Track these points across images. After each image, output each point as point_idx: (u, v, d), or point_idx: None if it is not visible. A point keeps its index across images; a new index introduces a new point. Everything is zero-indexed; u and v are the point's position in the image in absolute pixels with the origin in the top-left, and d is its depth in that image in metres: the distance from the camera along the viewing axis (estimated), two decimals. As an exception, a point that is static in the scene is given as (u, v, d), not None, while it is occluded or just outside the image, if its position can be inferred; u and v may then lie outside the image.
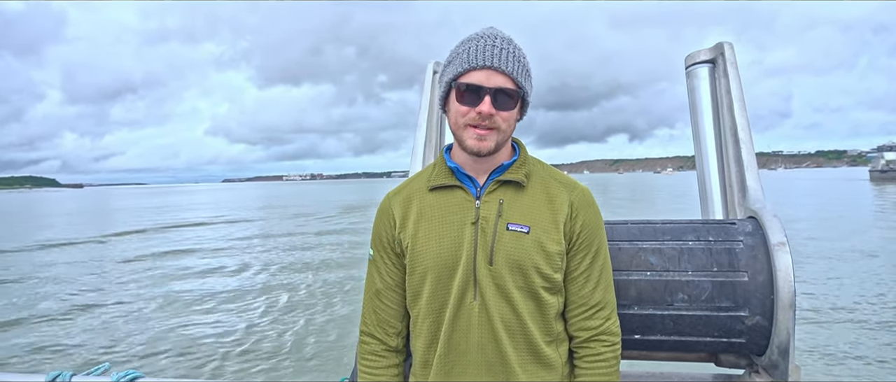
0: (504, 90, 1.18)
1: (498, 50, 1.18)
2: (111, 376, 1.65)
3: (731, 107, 1.95)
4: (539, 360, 1.23)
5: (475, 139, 1.20)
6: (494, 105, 1.18)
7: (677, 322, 1.47)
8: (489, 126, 1.19)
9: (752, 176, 1.80)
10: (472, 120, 1.19)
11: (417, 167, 2.05)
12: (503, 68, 1.17)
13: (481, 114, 1.17)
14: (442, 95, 1.28)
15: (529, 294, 1.21)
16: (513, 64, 1.19)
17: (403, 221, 1.30)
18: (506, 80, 1.18)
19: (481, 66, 1.17)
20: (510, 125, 1.23)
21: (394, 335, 1.36)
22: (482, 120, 1.18)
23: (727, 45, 2.01)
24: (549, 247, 1.21)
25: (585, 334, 1.27)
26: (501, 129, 1.21)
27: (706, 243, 1.51)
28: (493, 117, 1.18)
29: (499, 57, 1.17)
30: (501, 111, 1.19)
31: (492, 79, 1.17)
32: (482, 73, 1.17)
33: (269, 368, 7.15)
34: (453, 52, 1.25)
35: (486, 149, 1.20)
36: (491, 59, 1.17)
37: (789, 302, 1.37)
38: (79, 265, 16.48)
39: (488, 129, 1.20)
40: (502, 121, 1.20)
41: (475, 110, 1.18)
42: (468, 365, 1.22)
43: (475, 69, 1.18)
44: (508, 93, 1.19)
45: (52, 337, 8.72)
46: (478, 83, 1.17)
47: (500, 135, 1.21)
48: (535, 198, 1.26)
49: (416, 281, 1.27)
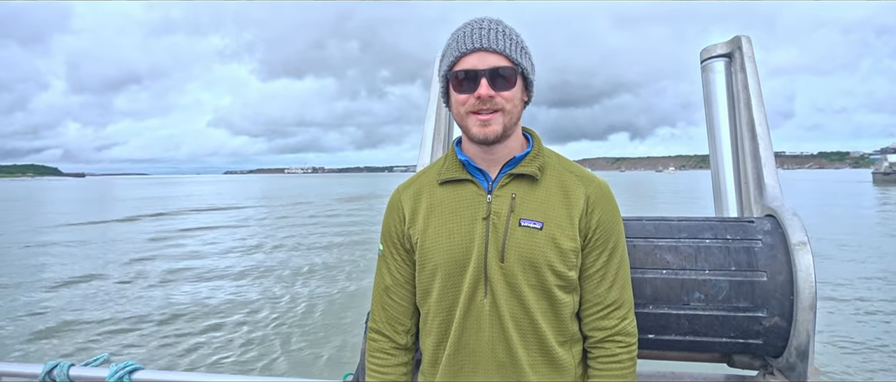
0: (499, 69, 1.13)
1: (485, 31, 1.14)
2: (109, 367, 1.63)
3: (748, 103, 1.90)
4: (551, 361, 1.18)
5: (479, 125, 1.15)
6: (492, 86, 1.13)
7: (693, 321, 1.43)
8: (491, 108, 1.14)
9: (770, 172, 1.76)
10: (473, 106, 1.15)
11: (426, 161, 2.00)
12: (494, 47, 1.13)
13: (481, 97, 1.13)
14: (442, 91, 1.24)
15: (542, 292, 1.17)
16: (504, 41, 1.14)
17: (413, 216, 1.26)
18: (500, 59, 1.14)
19: (472, 50, 1.14)
20: (515, 105, 1.17)
21: (403, 332, 1.31)
22: (482, 103, 1.14)
23: (745, 39, 1.96)
24: (563, 244, 1.16)
25: (600, 334, 1.22)
26: (506, 110, 1.15)
27: (723, 241, 1.46)
28: (494, 99, 1.13)
29: (487, 37, 1.13)
30: (501, 92, 1.14)
31: (485, 59, 1.13)
32: (474, 57, 1.14)
33: (272, 355, 7.15)
34: (445, 46, 1.21)
35: (492, 134, 1.15)
36: (479, 40, 1.13)
37: (810, 304, 1.33)
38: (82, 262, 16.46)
39: (491, 113, 1.14)
40: (505, 101, 1.15)
41: (474, 95, 1.14)
42: (478, 365, 1.18)
43: (466, 54, 1.14)
44: (504, 73, 1.14)
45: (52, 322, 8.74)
46: (471, 67, 1.14)
47: (505, 116, 1.16)
48: (550, 192, 1.21)
49: (426, 278, 1.23)
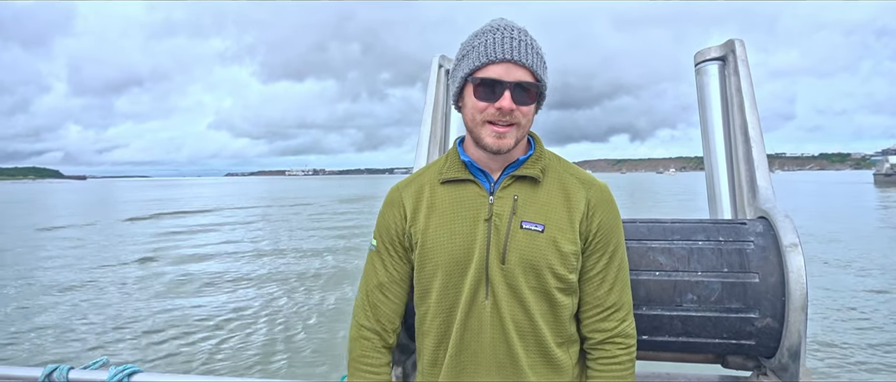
0: (523, 84, 1.12)
1: (516, 42, 1.12)
2: (109, 370, 1.63)
3: (741, 106, 1.92)
4: (549, 362, 1.19)
5: (494, 137, 1.14)
6: (514, 100, 1.12)
7: (686, 322, 1.44)
8: (509, 121, 1.13)
9: (763, 175, 1.77)
10: (491, 116, 1.13)
11: (422, 162, 2.02)
12: (523, 61, 1.11)
13: (502, 110, 1.12)
14: (456, 91, 1.21)
15: (542, 294, 1.17)
16: (532, 56, 1.13)
17: (414, 214, 1.25)
18: (525, 74, 1.13)
19: (500, 60, 1.11)
20: (529, 120, 1.18)
21: (392, 332, 1.31)
22: (502, 116, 1.12)
23: (738, 43, 1.98)
24: (564, 247, 1.16)
25: (600, 336, 1.23)
26: (521, 125, 1.15)
27: (716, 243, 1.47)
28: (513, 113, 1.12)
29: (518, 49, 1.11)
30: (521, 106, 1.13)
31: (511, 72, 1.11)
32: (501, 67, 1.11)
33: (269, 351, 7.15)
34: (467, 45, 1.18)
35: (505, 147, 1.15)
36: (510, 51, 1.11)
37: (801, 305, 1.34)
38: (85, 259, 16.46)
39: (508, 126, 1.14)
40: (523, 116, 1.14)
41: (494, 106, 1.12)
42: (480, 366, 1.18)
43: (493, 62, 1.12)
44: (527, 88, 1.13)
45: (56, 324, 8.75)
46: (497, 77, 1.11)
47: (519, 131, 1.16)
48: (551, 195, 1.21)
49: (426, 278, 1.23)
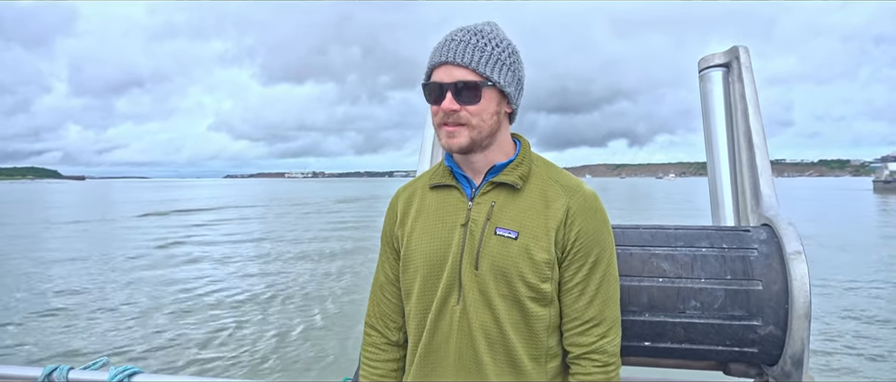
0: (465, 83, 1.13)
1: (456, 43, 1.14)
2: (109, 370, 1.63)
3: (745, 112, 1.92)
4: (518, 374, 1.17)
5: (446, 137, 1.17)
6: (458, 100, 1.13)
7: (688, 329, 1.44)
8: (456, 122, 1.15)
9: (767, 182, 1.77)
10: (441, 118, 1.16)
11: (425, 165, 2.02)
12: (460, 61, 1.13)
13: (445, 111, 1.14)
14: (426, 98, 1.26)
15: (514, 303, 1.15)
16: (473, 54, 1.13)
17: (404, 217, 1.30)
18: (466, 73, 1.13)
19: (441, 63, 1.15)
20: (483, 119, 1.16)
21: (394, 329, 1.34)
22: (447, 117, 1.15)
23: (742, 49, 1.98)
24: (536, 255, 1.14)
25: (577, 350, 1.20)
26: (472, 125, 1.15)
27: (720, 250, 1.47)
28: (458, 113, 1.14)
29: (455, 50, 1.13)
30: (466, 106, 1.14)
31: (451, 73, 1.14)
32: (442, 70, 1.15)
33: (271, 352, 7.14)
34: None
35: (456, 146, 1.16)
36: (447, 53, 1.14)
37: (804, 312, 1.34)
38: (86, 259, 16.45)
39: (457, 126, 1.15)
40: (471, 115, 1.14)
41: (440, 108, 1.16)
42: (446, 370, 1.19)
43: (436, 66, 1.16)
44: (470, 86, 1.14)
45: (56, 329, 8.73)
46: (437, 80, 1.15)
47: (472, 130, 1.15)
48: (531, 201, 1.20)
49: (409, 280, 1.26)
